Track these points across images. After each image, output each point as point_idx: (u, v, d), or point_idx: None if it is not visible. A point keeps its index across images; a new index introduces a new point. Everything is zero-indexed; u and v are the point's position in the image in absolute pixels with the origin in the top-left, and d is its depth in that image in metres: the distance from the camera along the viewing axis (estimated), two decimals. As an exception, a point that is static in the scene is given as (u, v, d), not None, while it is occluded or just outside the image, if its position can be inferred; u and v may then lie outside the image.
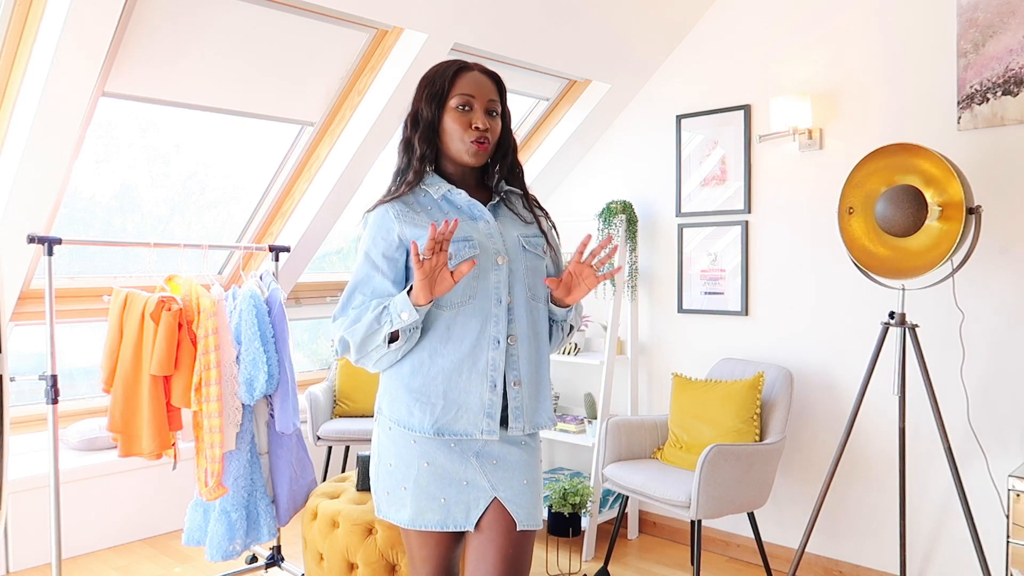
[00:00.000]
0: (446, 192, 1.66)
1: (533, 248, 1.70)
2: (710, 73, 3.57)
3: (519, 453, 1.65)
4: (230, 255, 3.90)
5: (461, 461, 1.61)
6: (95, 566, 3.35)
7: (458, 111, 1.64)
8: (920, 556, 2.99)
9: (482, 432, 1.60)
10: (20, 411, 3.49)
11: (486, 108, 1.65)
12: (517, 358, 1.63)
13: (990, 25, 2.77)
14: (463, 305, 1.60)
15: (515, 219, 1.73)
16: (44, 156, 2.70)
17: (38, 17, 2.42)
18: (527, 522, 1.61)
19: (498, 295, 1.62)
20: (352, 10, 2.81)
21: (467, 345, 1.60)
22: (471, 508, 1.61)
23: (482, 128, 1.63)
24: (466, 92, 1.64)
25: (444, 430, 1.60)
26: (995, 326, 2.81)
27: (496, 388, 1.60)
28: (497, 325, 1.61)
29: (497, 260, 1.63)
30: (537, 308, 1.69)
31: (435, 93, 1.65)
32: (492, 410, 1.60)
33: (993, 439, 2.80)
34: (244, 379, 2.77)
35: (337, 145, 3.44)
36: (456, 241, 1.60)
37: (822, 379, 3.22)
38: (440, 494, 1.60)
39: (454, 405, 1.60)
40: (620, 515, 3.22)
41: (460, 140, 1.64)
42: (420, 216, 1.63)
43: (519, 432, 1.64)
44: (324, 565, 2.72)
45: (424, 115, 1.66)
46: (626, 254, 3.69)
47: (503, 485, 1.61)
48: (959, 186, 2.43)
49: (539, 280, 1.70)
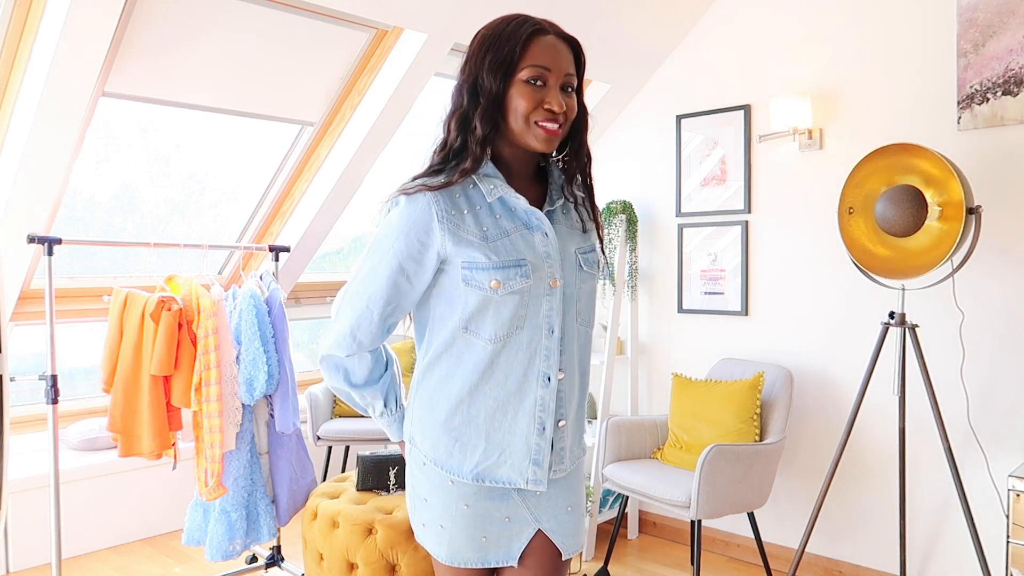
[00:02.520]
0: (503, 195, 1.38)
1: (589, 267, 1.46)
2: (710, 73, 3.57)
3: (562, 481, 1.48)
4: (230, 255, 3.90)
5: (502, 499, 1.44)
6: (95, 566, 3.35)
7: (529, 85, 1.34)
8: (920, 556, 2.99)
9: (527, 482, 1.41)
10: (20, 411, 3.49)
11: (563, 84, 1.37)
12: (565, 396, 1.42)
13: (990, 25, 2.77)
14: (510, 338, 1.37)
15: (572, 227, 1.46)
16: (44, 156, 2.70)
17: (38, 17, 2.42)
18: (571, 549, 1.48)
19: (549, 325, 1.39)
20: (352, 10, 2.80)
21: (513, 382, 1.38)
22: (513, 541, 1.45)
23: (557, 111, 1.34)
24: (540, 64, 1.34)
25: (484, 476, 1.41)
26: (995, 326, 2.81)
27: (545, 432, 1.40)
28: (548, 360, 1.39)
29: (551, 284, 1.38)
30: (586, 335, 1.48)
31: (502, 61, 1.34)
32: (539, 456, 1.40)
33: (993, 439, 2.80)
34: (244, 379, 2.77)
35: (337, 145, 3.44)
36: (506, 267, 1.34)
37: (822, 379, 3.22)
38: (480, 533, 1.44)
39: (496, 449, 1.40)
40: (620, 515, 3.22)
41: (526, 121, 1.35)
42: (466, 222, 1.35)
43: (561, 475, 1.46)
44: (324, 565, 2.72)
45: (485, 86, 1.34)
46: (626, 254, 3.69)
47: (546, 516, 1.45)
48: (959, 186, 2.43)
49: (590, 303, 1.47)
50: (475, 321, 1.37)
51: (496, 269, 1.34)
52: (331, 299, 4.35)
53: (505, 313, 1.36)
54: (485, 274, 1.34)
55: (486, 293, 1.34)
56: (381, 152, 3.48)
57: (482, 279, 1.34)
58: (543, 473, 1.41)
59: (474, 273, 1.34)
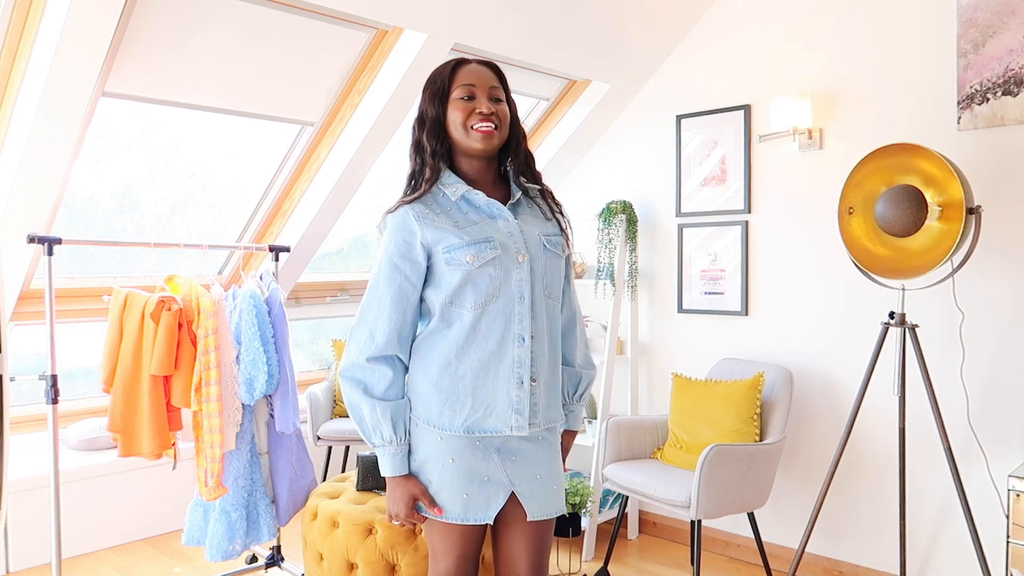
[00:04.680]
0: (464, 193, 1.66)
1: (554, 247, 1.72)
2: (710, 73, 3.57)
3: (535, 449, 1.70)
4: (230, 255, 3.90)
5: (484, 457, 1.65)
6: (95, 566, 3.35)
7: (462, 101, 1.64)
8: (920, 556, 2.99)
9: (511, 428, 1.64)
10: (20, 411, 3.49)
11: (489, 96, 1.65)
12: (536, 356, 1.66)
13: (990, 25, 2.77)
14: (488, 305, 1.62)
15: (536, 216, 1.74)
16: (44, 156, 2.70)
17: (38, 17, 2.42)
18: (538, 513, 1.68)
19: (520, 293, 1.64)
20: (352, 10, 2.81)
21: (493, 343, 1.63)
22: (491, 502, 1.65)
23: (486, 112, 1.63)
24: (467, 83, 1.65)
25: (474, 428, 1.63)
26: (995, 326, 2.81)
27: (523, 385, 1.64)
28: (521, 323, 1.64)
29: (518, 258, 1.65)
30: (553, 307, 1.72)
31: (437, 91, 1.66)
32: (520, 406, 1.64)
33: (993, 439, 2.80)
34: (244, 379, 2.77)
35: (337, 145, 3.44)
36: (477, 243, 1.61)
37: (822, 379, 3.22)
38: (463, 489, 1.63)
39: (483, 404, 1.63)
40: (620, 515, 3.22)
41: (464, 128, 1.64)
42: (440, 218, 1.63)
43: (538, 428, 1.68)
44: (324, 565, 2.72)
45: (429, 114, 1.67)
46: (626, 254, 3.69)
47: (519, 480, 1.67)
48: (959, 186, 2.43)
49: (556, 279, 1.72)
50: (459, 295, 1.63)
51: (469, 246, 1.61)
52: (331, 299, 4.36)
53: (482, 284, 1.62)
54: (461, 252, 1.61)
55: (465, 267, 1.61)
56: (381, 152, 3.48)
57: (460, 257, 1.61)
58: (524, 420, 1.64)
59: (453, 254, 1.61)
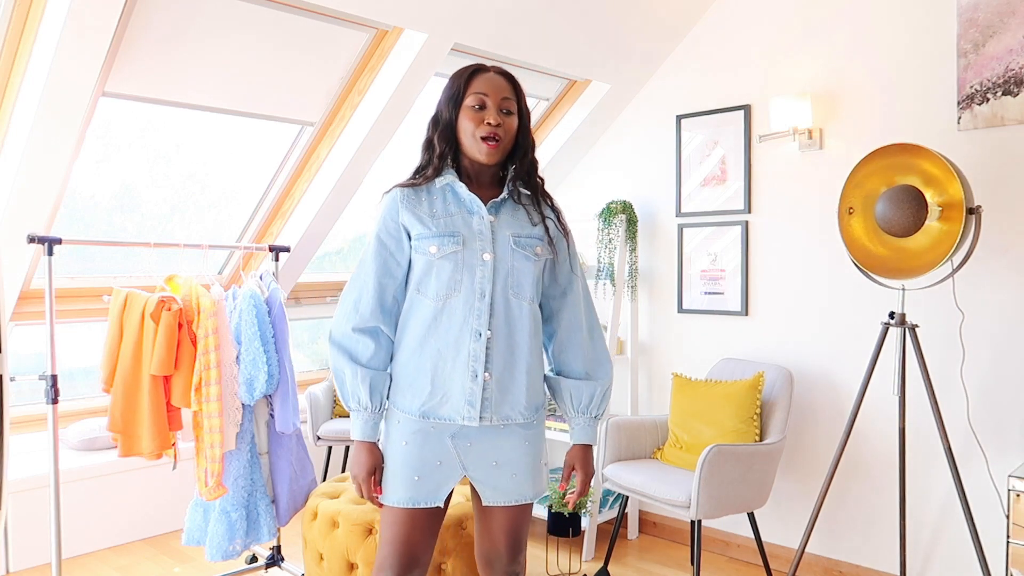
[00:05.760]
0: (450, 182, 1.76)
1: (523, 248, 1.75)
2: (710, 73, 3.57)
3: (494, 436, 1.75)
4: (230, 255, 3.90)
5: (437, 443, 1.73)
6: (95, 566, 3.35)
7: (473, 110, 1.71)
8: (920, 556, 2.99)
9: (463, 419, 1.71)
10: (20, 411, 3.49)
11: (499, 107, 1.72)
12: (492, 352, 1.71)
13: (990, 25, 2.77)
14: (449, 297, 1.71)
15: (519, 218, 1.78)
16: (44, 156, 2.70)
17: (38, 17, 2.42)
18: (493, 499, 1.76)
19: (482, 290, 1.70)
20: (352, 10, 2.81)
21: (452, 336, 1.70)
22: (441, 485, 1.73)
23: (493, 124, 1.70)
24: (480, 91, 1.72)
25: (430, 414, 1.72)
26: (995, 326, 2.81)
27: (477, 378, 1.70)
28: (479, 319, 1.70)
29: (483, 256, 1.71)
30: (520, 307, 1.74)
31: (453, 95, 1.74)
32: (472, 398, 1.70)
33: (993, 439, 2.80)
34: (244, 379, 2.77)
35: (337, 145, 3.44)
36: (442, 235, 1.70)
37: (822, 379, 3.22)
38: (414, 473, 1.71)
39: (440, 391, 1.71)
40: (620, 515, 3.22)
41: (473, 137, 1.71)
42: (423, 204, 1.74)
43: (489, 422, 1.73)
44: (324, 565, 2.72)
45: (443, 116, 1.76)
46: (626, 254, 3.69)
47: (472, 465, 1.74)
48: (959, 186, 2.43)
49: (526, 280, 1.75)
50: (423, 283, 1.73)
51: (435, 237, 1.71)
52: (331, 299, 4.36)
53: (444, 276, 1.70)
54: (427, 242, 1.71)
55: (427, 257, 1.71)
56: (381, 152, 3.48)
57: (425, 246, 1.71)
58: (475, 412, 1.71)
59: (420, 242, 1.72)
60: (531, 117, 1.82)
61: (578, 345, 1.84)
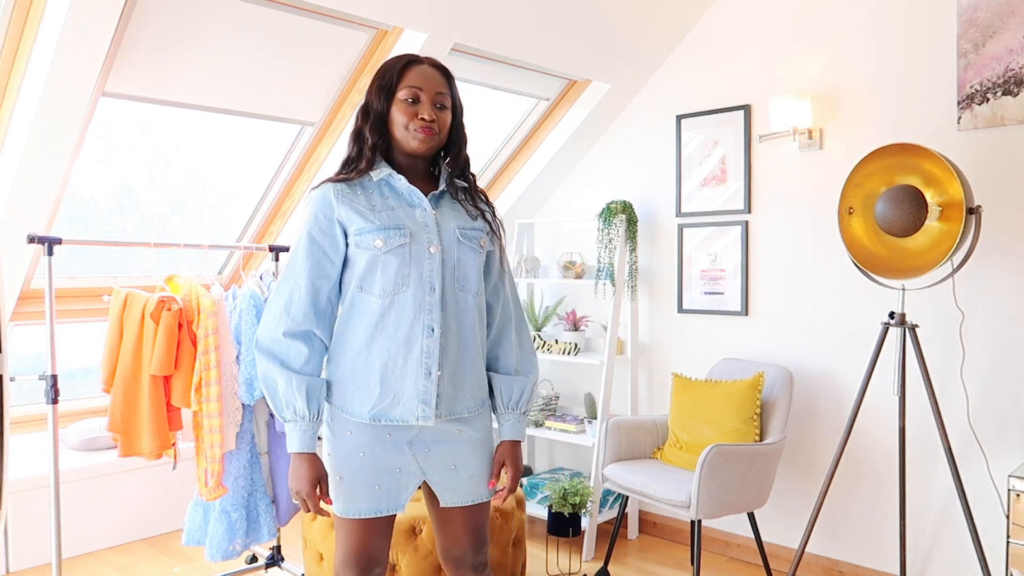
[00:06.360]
0: (386, 176, 1.71)
1: (468, 240, 1.72)
2: (710, 73, 3.57)
3: (450, 442, 1.71)
4: (230, 255, 3.90)
5: (395, 451, 1.68)
6: (95, 566, 3.35)
7: (406, 103, 1.67)
8: (920, 556, 2.99)
9: (417, 418, 1.65)
10: (20, 411, 3.49)
11: (434, 101, 1.68)
12: (444, 347, 1.67)
13: (990, 25, 2.77)
14: (396, 294, 1.65)
15: (458, 211, 1.75)
16: (44, 156, 2.70)
17: (38, 17, 2.42)
18: (451, 501, 1.72)
19: (431, 284, 1.66)
20: (352, 10, 2.81)
21: (403, 334, 1.64)
22: (402, 492, 1.69)
23: (427, 119, 1.66)
24: (414, 85, 1.67)
25: (380, 416, 1.65)
26: (995, 326, 2.81)
27: (431, 375, 1.65)
28: (431, 314, 1.65)
29: (430, 249, 1.67)
30: (466, 300, 1.71)
31: (384, 86, 1.69)
32: (427, 396, 1.65)
33: (993, 439, 2.80)
34: (244, 379, 2.78)
35: (337, 145, 3.44)
36: (387, 228, 1.64)
37: (822, 379, 3.22)
38: (374, 482, 1.67)
39: (390, 393, 1.65)
40: (620, 515, 3.22)
41: (406, 128, 1.67)
42: (360, 199, 1.68)
43: (442, 419, 1.68)
44: (324, 565, 2.72)
45: (374, 107, 1.71)
46: (626, 254, 3.69)
47: (432, 470, 1.70)
48: (959, 186, 2.43)
49: (471, 273, 1.72)
50: (367, 280, 1.65)
51: (379, 231, 1.64)
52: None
53: (390, 271, 1.64)
54: (370, 236, 1.64)
55: (372, 252, 1.64)
56: (381, 152, 3.48)
57: (368, 241, 1.64)
58: (431, 411, 1.66)
59: (363, 237, 1.65)
60: (464, 110, 1.78)
61: (509, 340, 1.82)
